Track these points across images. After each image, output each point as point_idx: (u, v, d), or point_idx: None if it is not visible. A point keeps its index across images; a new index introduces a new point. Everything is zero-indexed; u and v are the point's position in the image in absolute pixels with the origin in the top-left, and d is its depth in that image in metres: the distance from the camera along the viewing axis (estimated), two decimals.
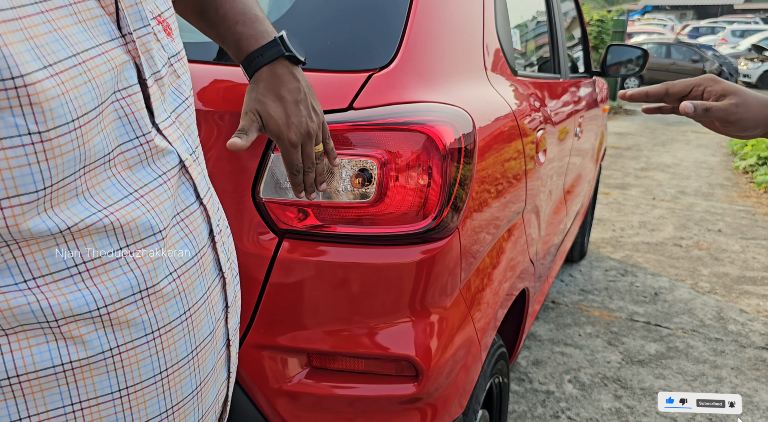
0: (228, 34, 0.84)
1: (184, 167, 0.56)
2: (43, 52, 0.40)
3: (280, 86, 0.83)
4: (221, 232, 0.64)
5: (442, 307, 1.10)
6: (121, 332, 0.51)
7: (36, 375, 0.47)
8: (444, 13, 1.21)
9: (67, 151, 0.43)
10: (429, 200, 1.03)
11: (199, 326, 0.58)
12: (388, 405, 1.08)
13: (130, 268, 0.50)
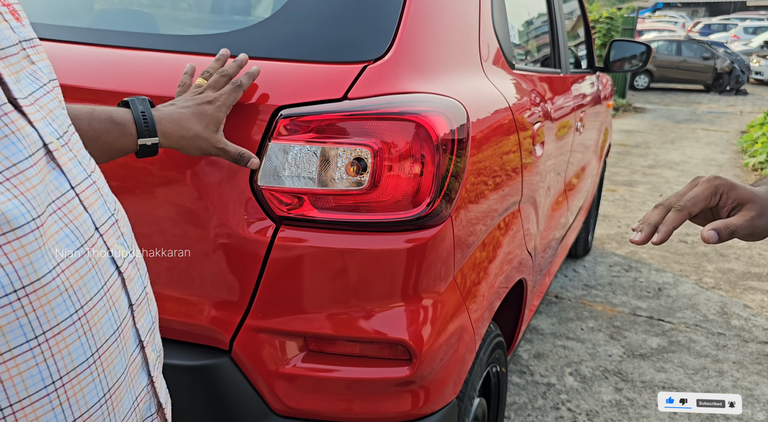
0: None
1: (49, 151, 0.50)
2: None
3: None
4: (116, 224, 0.59)
5: (436, 293, 1.13)
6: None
7: None
8: (439, 5, 1.23)
9: None
10: (421, 189, 1.06)
11: (98, 325, 0.51)
12: (383, 387, 1.11)
13: (1, 262, 0.43)
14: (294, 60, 1.08)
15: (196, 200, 1.08)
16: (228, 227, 1.07)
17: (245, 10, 1.39)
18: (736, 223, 0.80)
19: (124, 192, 1.10)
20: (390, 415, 1.13)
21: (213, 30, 1.30)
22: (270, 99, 1.04)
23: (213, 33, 1.19)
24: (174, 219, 1.11)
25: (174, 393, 1.11)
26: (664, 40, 16.81)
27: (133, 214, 0.90)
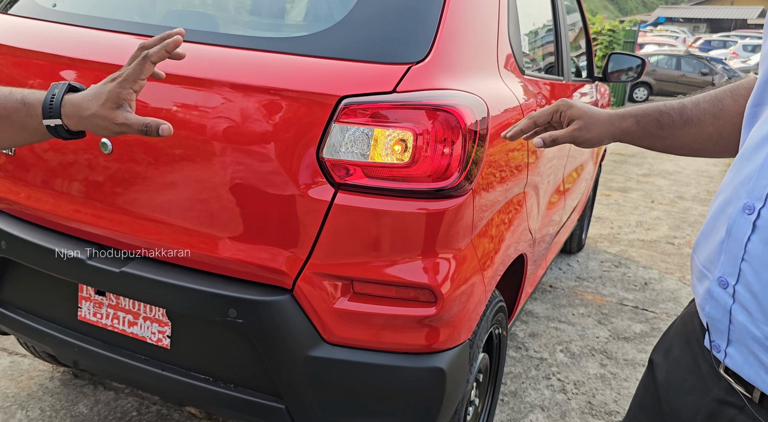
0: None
1: None
2: None
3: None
4: None
5: (458, 250, 1.41)
6: None
7: None
8: (468, 19, 1.52)
9: None
10: (450, 165, 1.34)
11: None
12: (413, 323, 1.39)
13: None
14: (354, 60, 1.36)
15: (272, 167, 1.36)
16: (296, 189, 1.35)
17: (314, 19, 1.67)
18: (558, 134, 1.08)
19: (214, 160, 1.38)
20: (417, 346, 1.41)
21: (291, 34, 1.58)
22: (335, 90, 1.32)
23: (291, 36, 1.48)
24: (249, 180, 1.39)
25: (243, 322, 1.39)
26: (664, 55, 17.15)
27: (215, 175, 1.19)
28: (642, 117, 1.05)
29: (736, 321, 0.77)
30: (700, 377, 0.85)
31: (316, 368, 1.40)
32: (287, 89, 1.33)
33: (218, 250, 1.42)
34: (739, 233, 0.76)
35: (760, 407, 0.75)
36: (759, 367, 0.74)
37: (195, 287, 1.42)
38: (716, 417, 0.81)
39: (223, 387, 1.50)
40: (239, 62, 1.39)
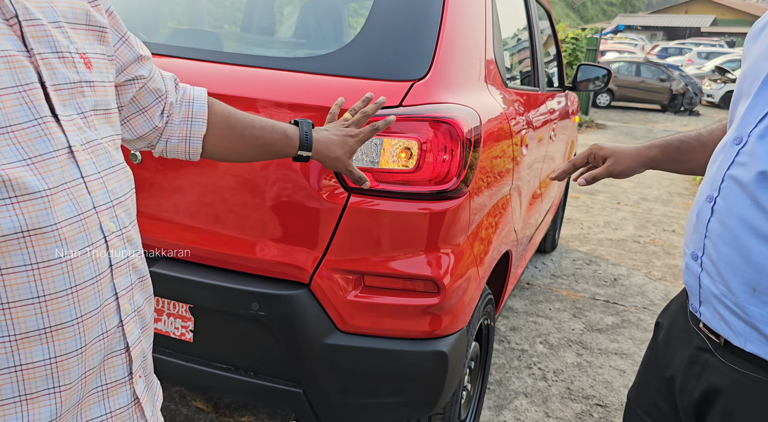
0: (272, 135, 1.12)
1: (71, 151, 0.69)
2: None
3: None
4: (113, 208, 0.75)
5: (456, 245, 1.58)
6: (2, 261, 0.63)
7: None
8: (460, 39, 1.69)
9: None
10: (450, 170, 1.51)
11: (80, 270, 0.69)
12: (418, 311, 1.55)
13: (15, 213, 0.62)
14: (364, 78, 1.52)
15: (292, 174, 1.51)
16: (314, 194, 1.50)
17: (327, 41, 1.83)
18: (596, 172, 1.34)
19: (239, 165, 1.53)
20: (422, 332, 1.57)
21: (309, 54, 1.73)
22: (348, 103, 1.48)
23: (309, 56, 1.63)
24: (269, 185, 1.54)
25: (264, 315, 1.53)
26: (624, 62, 17.73)
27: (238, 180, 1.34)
28: (665, 146, 1.28)
29: (703, 285, 0.96)
30: (687, 333, 1.03)
31: (331, 354, 1.55)
32: (307, 105, 1.49)
33: (242, 250, 1.56)
34: (703, 216, 0.95)
35: (725, 350, 0.94)
36: (720, 319, 0.93)
37: (220, 284, 1.56)
38: (695, 361, 0.99)
39: (244, 375, 1.64)
40: (267, 81, 1.55)
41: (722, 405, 0.94)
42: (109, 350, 0.77)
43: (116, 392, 0.79)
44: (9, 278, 0.64)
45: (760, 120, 0.88)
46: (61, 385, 0.70)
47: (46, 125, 0.67)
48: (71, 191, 0.69)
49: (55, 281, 0.67)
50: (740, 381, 0.91)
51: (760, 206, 0.85)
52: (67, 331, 0.69)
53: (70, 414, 0.73)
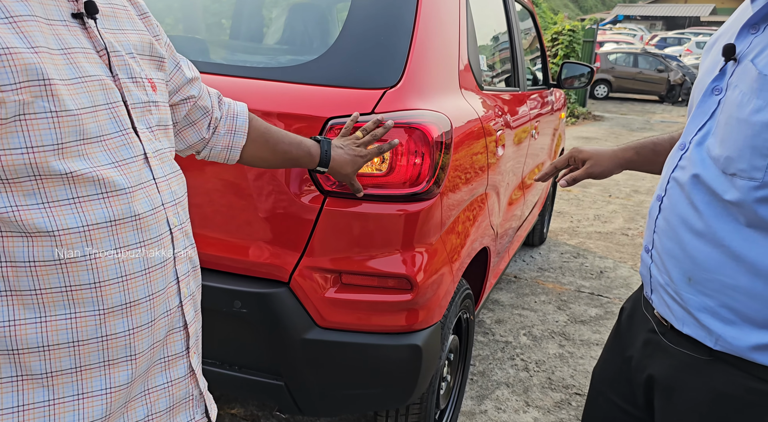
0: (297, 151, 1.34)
1: (146, 157, 0.84)
2: (60, 74, 0.73)
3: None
4: (176, 205, 0.90)
5: (429, 244, 1.67)
6: (94, 245, 0.76)
7: (43, 264, 0.74)
8: (432, 48, 1.77)
9: (70, 125, 0.72)
10: (421, 174, 1.59)
11: (151, 256, 0.83)
12: (393, 307, 1.64)
13: (105, 205, 0.76)
14: (337, 86, 1.60)
15: (267, 178, 1.59)
16: (292, 197, 1.58)
17: (304, 51, 1.90)
18: (576, 174, 1.44)
19: (221, 173, 1.61)
20: (397, 327, 1.66)
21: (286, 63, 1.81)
22: (323, 112, 1.56)
23: (287, 66, 1.71)
24: (251, 190, 1.62)
25: (246, 312, 1.62)
26: (622, 52, 17.74)
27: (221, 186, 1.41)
28: (640, 148, 1.37)
29: (653, 275, 1.06)
30: (644, 318, 1.14)
31: (310, 349, 1.63)
32: (283, 112, 1.57)
33: (226, 251, 1.65)
34: (653, 214, 1.06)
35: (671, 333, 1.04)
36: (665, 306, 1.04)
37: (206, 283, 1.64)
38: (649, 343, 1.10)
39: (229, 369, 1.73)
40: (244, 89, 1.62)
41: (666, 382, 1.05)
42: (171, 326, 0.91)
43: (176, 364, 0.93)
44: (99, 260, 0.78)
45: (699, 129, 0.97)
46: (136, 354, 0.84)
47: (129, 136, 0.82)
48: (146, 190, 0.84)
49: (133, 264, 0.81)
50: (680, 360, 1.02)
51: (694, 206, 0.95)
52: (142, 307, 0.83)
53: (140, 380, 0.87)
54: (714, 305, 0.94)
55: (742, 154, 0.86)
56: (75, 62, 0.77)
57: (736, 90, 0.90)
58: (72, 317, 0.78)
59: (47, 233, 0.74)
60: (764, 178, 0.85)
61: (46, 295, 0.76)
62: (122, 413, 0.86)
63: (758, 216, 0.87)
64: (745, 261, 0.89)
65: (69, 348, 0.78)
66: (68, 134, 0.73)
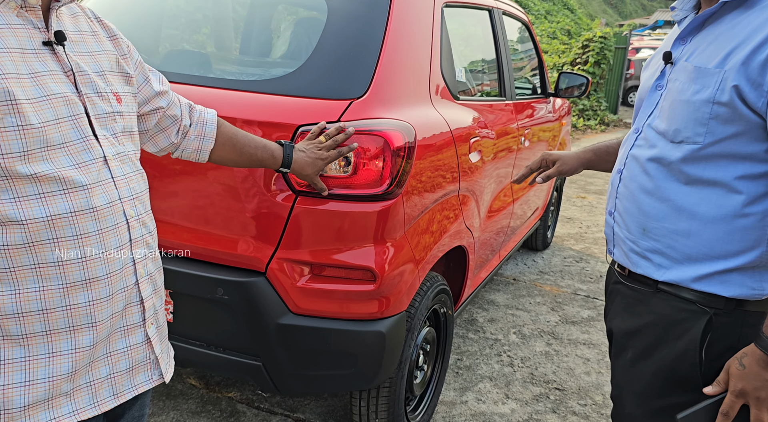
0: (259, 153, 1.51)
1: (105, 159, 1.00)
2: (27, 94, 0.89)
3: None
4: (133, 200, 1.06)
5: (393, 240, 1.84)
6: (57, 231, 0.93)
7: (15, 247, 0.91)
8: (401, 62, 1.95)
9: (34, 136, 0.89)
10: (383, 176, 1.77)
11: (108, 240, 1.00)
12: (359, 296, 1.81)
13: (66, 199, 0.93)
14: (309, 96, 1.79)
15: (247, 179, 1.79)
16: (267, 195, 1.78)
17: (279, 66, 2.11)
18: (548, 172, 1.71)
19: (207, 174, 1.82)
20: (362, 314, 1.83)
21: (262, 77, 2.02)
22: (294, 119, 1.75)
23: (264, 79, 1.91)
24: (232, 190, 1.82)
25: (228, 298, 1.81)
26: None
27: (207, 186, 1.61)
28: (597, 150, 1.67)
29: (615, 233, 1.34)
30: (610, 274, 1.43)
31: (284, 332, 1.82)
32: (259, 120, 1.77)
33: (209, 244, 1.86)
34: (615, 183, 1.34)
35: (629, 278, 1.33)
36: (624, 256, 1.31)
37: (192, 272, 1.85)
38: (613, 291, 1.40)
39: (213, 350, 1.93)
40: (227, 101, 1.84)
41: (623, 318, 1.35)
42: (129, 300, 1.07)
43: (134, 332, 1.10)
44: (61, 244, 0.95)
45: (649, 115, 1.28)
46: (96, 322, 1.00)
47: (89, 142, 0.99)
48: (104, 187, 1.00)
49: (92, 248, 0.98)
50: (635, 296, 1.31)
51: (647, 172, 1.24)
52: (100, 283, 1.00)
53: (102, 344, 1.03)
54: (662, 247, 1.22)
55: (687, 125, 1.16)
56: (41, 84, 0.93)
57: (676, 82, 1.21)
58: (40, 290, 0.95)
59: (18, 222, 0.90)
60: (704, 140, 1.13)
61: (18, 272, 0.93)
62: (87, 371, 1.02)
63: (696, 174, 1.16)
64: (684, 210, 1.18)
65: (39, 315, 0.95)
66: (32, 143, 0.90)
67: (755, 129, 1.10)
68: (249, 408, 2.44)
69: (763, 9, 1.11)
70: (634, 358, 1.30)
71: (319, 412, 2.44)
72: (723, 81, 1.11)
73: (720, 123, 1.12)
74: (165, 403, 2.44)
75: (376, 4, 1.94)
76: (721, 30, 1.17)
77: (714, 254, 1.17)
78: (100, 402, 1.05)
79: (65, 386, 0.99)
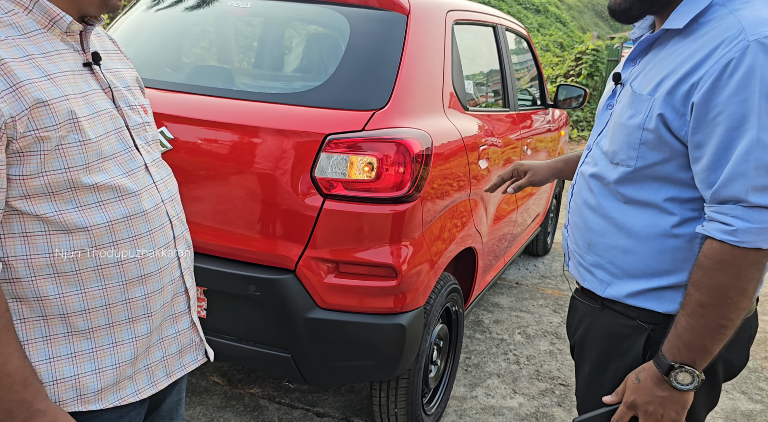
0: None
1: (146, 166, 1.10)
2: (82, 112, 0.99)
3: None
4: (172, 201, 1.17)
5: (412, 239, 1.99)
6: (116, 235, 1.03)
7: (81, 252, 1.01)
8: (417, 76, 2.11)
9: (92, 149, 0.98)
10: (403, 181, 1.92)
11: (158, 239, 1.10)
12: (381, 291, 1.96)
13: (122, 205, 1.02)
14: (335, 108, 1.95)
15: (280, 183, 1.94)
16: (297, 199, 1.93)
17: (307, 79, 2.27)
18: (520, 182, 1.73)
19: (240, 181, 1.97)
20: (384, 308, 1.98)
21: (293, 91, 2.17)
22: (322, 129, 1.91)
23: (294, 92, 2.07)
24: (264, 194, 1.97)
25: (260, 295, 1.95)
26: None
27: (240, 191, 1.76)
28: (568, 160, 1.68)
29: (569, 246, 1.38)
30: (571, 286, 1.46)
31: (312, 326, 1.96)
32: (290, 130, 1.92)
33: (242, 244, 2.00)
34: (568, 198, 1.37)
35: (581, 292, 1.35)
36: (575, 270, 1.35)
37: (226, 271, 2.00)
38: (572, 305, 1.42)
39: (245, 344, 2.07)
40: (259, 112, 1.99)
41: (580, 332, 1.36)
42: (176, 291, 1.18)
43: (181, 319, 1.21)
44: (120, 246, 1.05)
45: (598, 135, 1.31)
46: (151, 312, 1.11)
47: (133, 152, 1.10)
48: (150, 191, 1.10)
49: (145, 247, 1.08)
50: (585, 311, 1.34)
51: (591, 189, 1.28)
52: (154, 278, 1.10)
53: (156, 332, 1.15)
54: (604, 262, 1.25)
55: (622, 148, 1.19)
56: (91, 102, 1.03)
57: (619, 104, 1.23)
58: (103, 287, 1.05)
59: (83, 228, 1.00)
60: (636, 164, 1.16)
61: (84, 273, 1.02)
62: (145, 356, 1.14)
63: (630, 195, 1.19)
64: (622, 228, 1.21)
65: (103, 310, 1.05)
66: (91, 156, 1.00)
67: (681, 156, 1.12)
68: (271, 403, 2.57)
69: (697, 39, 1.11)
70: (591, 371, 1.32)
71: (337, 406, 2.58)
72: (651, 109, 1.12)
73: (649, 149, 1.14)
74: (191, 399, 2.57)
75: (394, 23, 2.10)
76: (661, 56, 1.17)
77: (649, 271, 1.19)
78: (156, 381, 1.17)
79: (129, 370, 1.10)
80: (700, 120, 1.06)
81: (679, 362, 1.10)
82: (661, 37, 1.19)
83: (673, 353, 1.10)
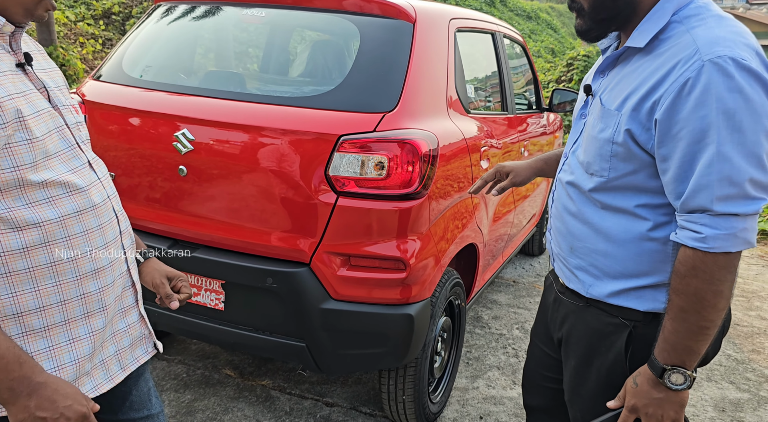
0: None
1: (90, 164, 1.11)
2: (26, 111, 0.98)
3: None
4: (116, 197, 1.19)
5: (419, 234, 2.11)
6: (68, 230, 1.03)
7: (33, 248, 1.01)
8: (423, 80, 2.24)
9: (39, 147, 0.99)
10: (412, 179, 2.05)
11: (107, 233, 1.12)
12: (391, 283, 2.08)
13: (72, 201, 1.03)
14: (347, 110, 2.07)
15: (296, 182, 2.06)
16: (312, 196, 2.05)
17: (321, 84, 2.39)
18: (502, 184, 1.78)
19: (261, 183, 2.08)
20: (394, 299, 2.09)
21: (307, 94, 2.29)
22: (336, 130, 2.03)
23: (308, 95, 2.19)
24: (283, 192, 2.08)
25: (276, 287, 2.06)
26: None
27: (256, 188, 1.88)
28: (548, 159, 1.74)
29: (553, 249, 1.45)
30: (552, 283, 1.52)
31: (326, 316, 2.08)
32: (306, 131, 2.04)
33: (260, 239, 2.11)
34: (549, 204, 1.46)
35: (566, 291, 1.42)
36: (560, 271, 1.43)
37: (244, 264, 2.11)
38: (556, 301, 1.46)
39: (261, 334, 2.18)
40: (276, 114, 2.11)
41: (566, 328, 1.44)
42: (124, 285, 1.21)
43: (130, 312, 1.24)
44: (73, 241, 1.07)
45: (574, 143, 1.38)
46: (106, 306, 1.13)
47: (75, 150, 1.12)
48: (96, 187, 1.12)
49: (96, 240, 1.11)
50: (570, 309, 1.41)
51: (570, 196, 1.35)
52: (106, 271, 1.13)
53: (109, 326, 1.17)
54: (585, 264, 1.33)
55: (595, 159, 1.25)
56: (31, 101, 1.03)
57: (591, 116, 1.30)
58: (58, 284, 1.05)
59: (35, 224, 1.01)
60: (609, 175, 1.23)
61: (37, 271, 1.02)
62: (100, 351, 1.16)
63: (606, 202, 1.26)
64: (601, 232, 1.28)
65: (58, 307, 1.06)
66: (38, 154, 1.01)
67: (649, 166, 1.18)
68: (282, 394, 2.67)
69: (657, 57, 1.16)
70: (578, 365, 1.37)
71: (346, 397, 2.69)
72: (619, 124, 1.18)
73: (619, 160, 1.20)
74: (205, 390, 2.67)
75: (402, 31, 2.23)
76: (627, 71, 1.22)
77: (628, 272, 1.25)
78: (113, 376, 1.20)
79: (87, 365, 1.12)
80: (664, 135, 1.12)
81: (670, 364, 1.16)
82: (624, 52, 1.24)
83: (663, 356, 1.17)
